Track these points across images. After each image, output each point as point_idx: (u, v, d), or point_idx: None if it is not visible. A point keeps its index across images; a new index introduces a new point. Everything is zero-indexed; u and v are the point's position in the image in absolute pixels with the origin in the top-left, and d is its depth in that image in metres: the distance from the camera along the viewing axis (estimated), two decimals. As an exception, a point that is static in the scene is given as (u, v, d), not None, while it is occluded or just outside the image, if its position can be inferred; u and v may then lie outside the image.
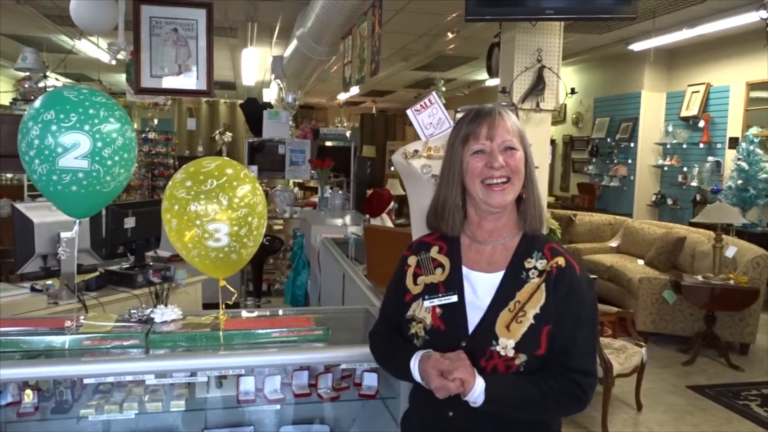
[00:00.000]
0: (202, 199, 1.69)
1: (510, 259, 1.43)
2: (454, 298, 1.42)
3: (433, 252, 1.51)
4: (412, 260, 1.54)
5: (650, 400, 4.15)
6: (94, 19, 3.50)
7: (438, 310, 1.42)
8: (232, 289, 1.87)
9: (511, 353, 1.34)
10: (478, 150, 1.40)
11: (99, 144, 1.68)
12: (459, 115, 1.51)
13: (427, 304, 1.44)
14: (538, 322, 1.35)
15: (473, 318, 1.39)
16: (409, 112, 2.07)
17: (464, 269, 1.45)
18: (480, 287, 1.42)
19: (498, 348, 1.34)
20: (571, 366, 1.35)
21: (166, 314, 1.86)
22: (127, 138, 1.76)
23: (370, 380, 2.01)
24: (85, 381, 1.74)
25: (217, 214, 1.69)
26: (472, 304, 1.41)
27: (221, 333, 1.80)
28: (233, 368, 1.77)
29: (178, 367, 1.72)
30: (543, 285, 1.38)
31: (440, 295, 1.43)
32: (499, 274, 1.42)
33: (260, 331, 1.85)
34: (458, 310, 1.41)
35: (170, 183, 1.73)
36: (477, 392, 1.29)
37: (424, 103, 2.08)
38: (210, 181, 1.71)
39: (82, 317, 1.87)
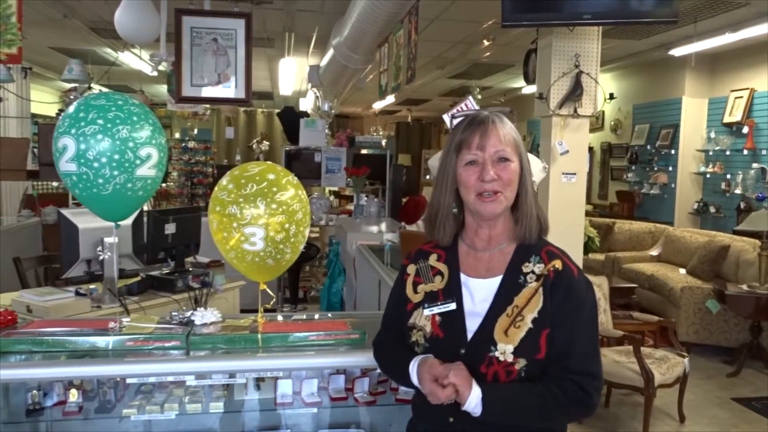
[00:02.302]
0: (241, 203, 1.72)
1: (507, 264, 1.42)
2: (453, 306, 1.42)
3: (432, 260, 1.52)
4: (411, 269, 1.54)
5: (693, 412, 4.04)
6: (137, 30, 3.60)
7: (437, 317, 1.43)
8: (271, 292, 1.89)
9: (510, 358, 1.33)
10: (470, 161, 1.39)
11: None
12: (455, 121, 1.50)
13: (426, 312, 1.44)
14: (537, 327, 1.34)
15: (472, 325, 1.39)
16: (445, 116, 2.07)
17: (462, 276, 1.46)
18: (478, 294, 1.42)
19: (497, 353, 1.34)
20: (572, 368, 1.33)
21: (205, 317, 1.89)
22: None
23: (407, 385, 2.00)
24: (128, 381, 1.78)
25: (253, 218, 1.72)
26: (471, 311, 1.41)
27: (260, 335, 1.82)
28: (271, 370, 1.79)
29: (217, 369, 1.75)
30: (540, 289, 1.37)
31: (439, 303, 1.44)
32: (497, 280, 1.42)
33: (298, 334, 1.86)
34: (457, 318, 1.41)
35: (217, 185, 1.78)
36: (474, 402, 1.29)
37: (461, 107, 2.08)
38: (250, 185, 1.74)
39: (125, 319, 1.91)
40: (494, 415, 1.30)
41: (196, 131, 11.26)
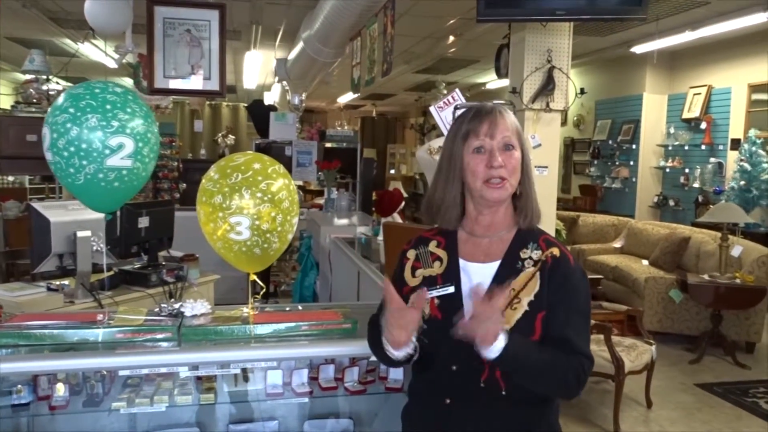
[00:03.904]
0: (226, 192, 1.71)
1: (506, 250, 1.47)
2: (451, 289, 1.47)
3: (432, 246, 1.56)
4: (411, 254, 1.58)
5: (660, 397, 4.17)
6: (109, 20, 3.52)
7: (436, 300, 1.47)
8: (261, 282, 1.89)
9: None
10: (478, 147, 1.43)
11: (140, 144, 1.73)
12: (458, 112, 1.57)
13: (426, 295, 1.47)
14: (533, 309, 1.39)
15: (470, 307, 1.41)
16: (432, 109, 2.10)
17: (461, 261, 1.50)
18: (476, 278, 1.46)
19: None
20: (574, 349, 1.38)
21: (195, 308, 1.88)
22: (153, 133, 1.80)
23: (396, 374, 2.03)
24: (120, 374, 1.75)
25: (238, 207, 1.71)
26: (469, 294, 1.44)
27: (252, 326, 1.82)
28: (264, 360, 1.79)
29: (210, 359, 1.74)
30: (538, 273, 1.42)
31: (438, 286, 1.48)
32: (495, 264, 1.46)
33: (290, 324, 1.86)
34: (455, 301, 1.45)
35: (204, 176, 1.76)
36: (500, 342, 1.28)
37: (447, 100, 2.11)
38: (236, 175, 1.74)
39: (114, 311, 1.89)
40: (511, 359, 1.30)
41: (158, 125, 11.03)
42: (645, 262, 6.43)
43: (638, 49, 7.69)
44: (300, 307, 2.18)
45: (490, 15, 3.52)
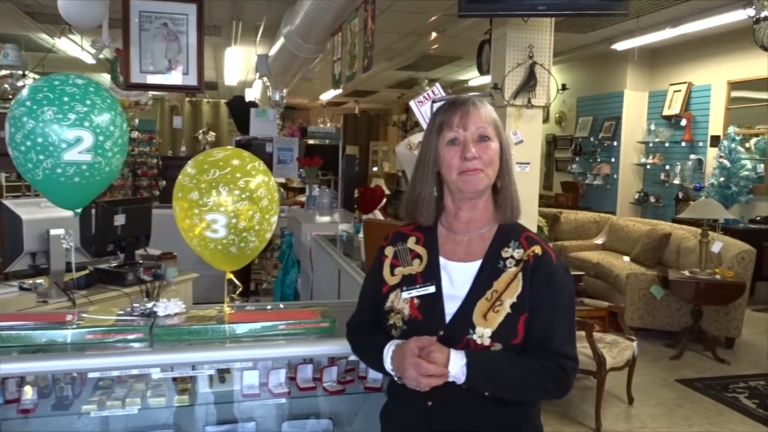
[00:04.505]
0: (203, 189, 1.66)
1: (487, 248, 1.43)
2: (432, 289, 1.43)
3: (410, 243, 1.52)
4: (389, 251, 1.54)
5: (641, 393, 4.18)
6: (83, 14, 3.44)
7: (416, 300, 1.43)
8: (237, 282, 1.84)
9: (487, 342, 1.34)
10: (452, 139, 1.40)
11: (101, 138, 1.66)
12: (436, 106, 1.55)
13: (405, 295, 1.44)
14: (515, 311, 1.36)
15: (450, 308, 1.40)
16: (412, 103, 2.07)
17: (441, 260, 1.46)
18: (457, 277, 1.43)
19: (474, 336, 1.35)
20: (553, 350, 1.35)
21: (169, 308, 1.83)
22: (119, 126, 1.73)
23: (376, 373, 1.99)
24: (90, 376, 1.70)
25: (214, 204, 1.66)
26: (450, 294, 1.42)
27: (227, 325, 1.78)
28: (240, 360, 1.74)
29: (184, 360, 1.69)
30: (520, 274, 1.39)
31: (418, 286, 1.44)
32: (477, 264, 1.43)
33: (266, 324, 1.82)
34: (436, 301, 1.42)
35: (181, 172, 1.71)
36: (458, 365, 1.29)
37: (428, 94, 2.07)
38: (213, 171, 1.69)
39: (84, 311, 1.83)
40: (477, 381, 1.31)
41: (137, 122, 10.92)
42: (626, 258, 6.45)
43: (619, 46, 7.73)
44: (281, 306, 2.14)
45: (472, 10, 3.49)
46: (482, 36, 4.52)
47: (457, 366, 1.30)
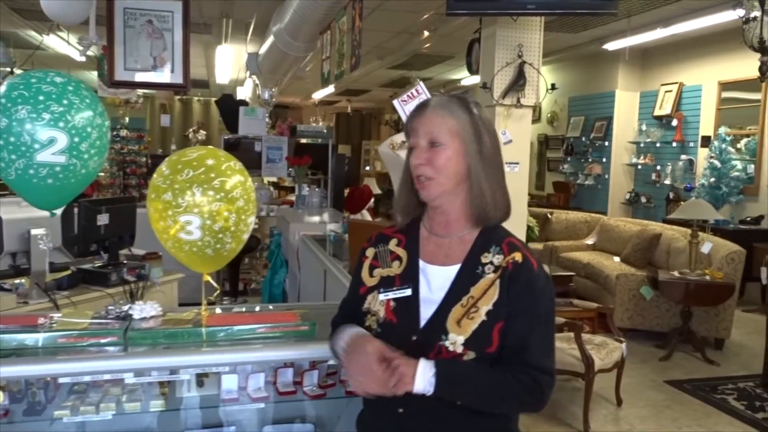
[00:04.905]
0: (176, 189, 1.62)
1: (467, 253, 1.40)
2: (408, 292, 1.40)
3: (392, 245, 1.49)
4: (370, 252, 1.52)
5: (630, 395, 4.16)
6: (65, 9, 3.39)
7: (392, 303, 1.40)
8: (215, 284, 1.80)
9: (459, 349, 1.31)
10: (411, 145, 1.40)
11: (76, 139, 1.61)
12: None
13: (381, 297, 1.42)
14: (491, 319, 1.32)
15: (426, 312, 1.37)
16: (395, 102, 2.03)
17: (421, 263, 1.43)
18: (435, 281, 1.39)
19: (447, 343, 1.31)
20: (529, 362, 1.31)
21: (145, 310, 1.79)
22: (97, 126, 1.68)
23: (357, 377, 1.96)
24: (61, 381, 1.65)
25: (188, 206, 1.62)
26: (427, 298, 1.38)
27: (204, 329, 1.74)
28: (216, 365, 1.70)
29: (158, 365, 1.65)
30: (498, 281, 1.34)
31: (395, 288, 1.41)
32: (455, 268, 1.39)
33: (244, 327, 1.78)
34: (411, 304, 1.38)
35: (156, 171, 1.67)
36: (426, 378, 1.25)
37: (411, 93, 2.04)
38: (187, 171, 1.65)
39: (56, 314, 1.79)
40: (446, 392, 1.27)
41: (128, 120, 10.85)
42: (617, 258, 6.44)
43: (611, 46, 7.72)
44: (257, 308, 2.10)
45: (461, 9, 3.46)
46: (474, 35, 4.49)
47: (424, 379, 1.26)
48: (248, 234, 1.78)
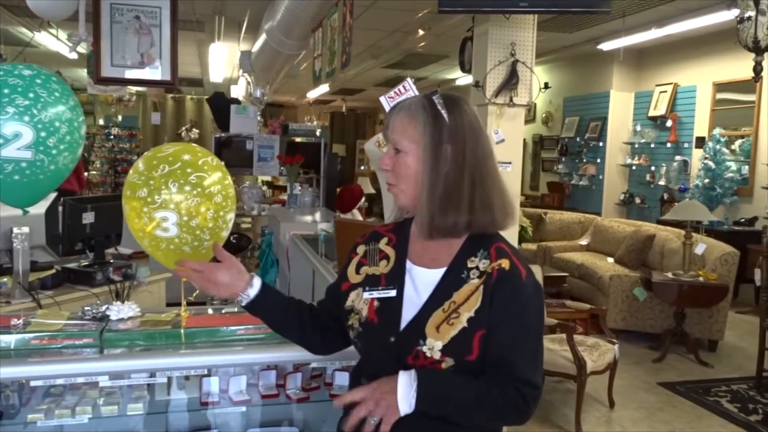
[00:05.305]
0: (151, 185, 1.57)
1: (454, 256, 1.34)
2: (392, 293, 1.35)
3: (382, 243, 1.45)
4: (360, 249, 1.48)
5: (622, 397, 4.13)
6: (49, 4, 3.33)
7: (376, 303, 1.35)
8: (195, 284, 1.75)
9: (437, 355, 1.25)
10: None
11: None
12: None
13: (366, 295, 1.37)
14: (472, 326, 1.25)
15: (408, 314, 1.32)
16: (382, 98, 1.97)
17: (408, 263, 1.38)
18: (420, 283, 1.34)
19: (424, 348, 1.26)
20: (515, 375, 1.24)
21: (122, 311, 1.74)
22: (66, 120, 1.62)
23: (342, 379, 1.91)
24: (32, 384, 1.60)
25: (164, 202, 1.57)
26: (410, 300, 1.33)
27: (182, 330, 1.69)
28: (195, 368, 1.66)
29: (134, 368, 1.60)
30: (481, 287, 1.28)
31: (380, 288, 1.37)
32: (440, 271, 1.33)
33: (224, 329, 1.74)
34: (394, 305, 1.34)
35: (132, 167, 1.63)
36: (406, 404, 1.20)
37: (398, 90, 1.98)
38: (162, 167, 1.60)
39: (31, 315, 1.74)
40: (428, 406, 1.21)
41: (120, 118, 10.78)
42: (610, 259, 6.42)
43: (605, 46, 7.69)
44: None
45: (452, 6, 3.42)
46: (467, 33, 4.45)
47: (405, 405, 1.21)
48: (227, 231, 1.73)
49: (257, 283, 1.42)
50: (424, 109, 1.31)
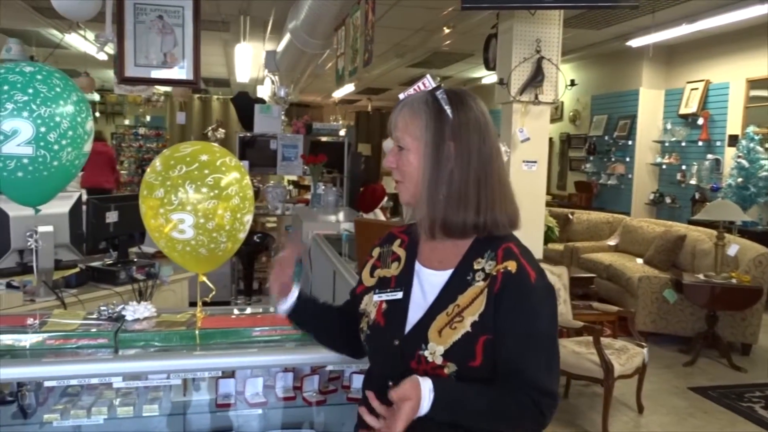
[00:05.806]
0: (168, 186, 1.55)
1: (461, 257, 1.29)
2: (399, 295, 1.32)
3: (395, 245, 1.42)
4: (375, 252, 1.46)
5: (651, 401, 4.03)
6: (73, 4, 3.35)
7: (384, 305, 1.33)
8: (210, 285, 1.73)
9: (439, 360, 1.21)
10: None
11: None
12: None
13: (375, 298, 1.35)
14: (475, 331, 1.20)
15: (414, 317, 1.28)
16: (401, 96, 1.93)
17: (417, 265, 1.35)
18: (427, 285, 1.31)
19: (426, 353, 1.22)
20: (528, 382, 1.19)
21: (138, 311, 1.73)
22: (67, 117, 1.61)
23: (360, 382, 1.88)
24: (46, 384, 1.60)
25: (180, 203, 1.55)
26: (417, 303, 1.30)
27: (197, 331, 1.67)
28: (209, 370, 1.64)
29: (148, 369, 1.58)
30: (485, 291, 1.22)
31: (389, 290, 1.34)
32: (447, 273, 1.29)
33: (240, 330, 1.71)
34: (401, 308, 1.31)
35: (149, 167, 1.61)
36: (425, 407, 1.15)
37: (418, 86, 1.93)
38: (179, 167, 1.57)
39: (47, 315, 1.73)
40: (441, 413, 1.16)
41: (149, 118, 10.90)
42: (639, 260, 6.28)
43: (634, 42, 7.54)
44: (272, 309, 2.03)
45: (476, 3, 3.37)
46: (491, 30, 4.38)
47: (424, 407, 1.15)
48: (245, 233, 1.70)
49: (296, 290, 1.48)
50: (426, 106, 1.27)
